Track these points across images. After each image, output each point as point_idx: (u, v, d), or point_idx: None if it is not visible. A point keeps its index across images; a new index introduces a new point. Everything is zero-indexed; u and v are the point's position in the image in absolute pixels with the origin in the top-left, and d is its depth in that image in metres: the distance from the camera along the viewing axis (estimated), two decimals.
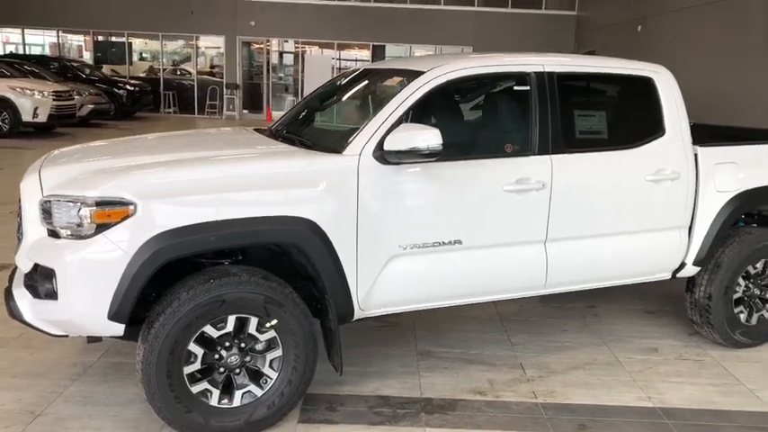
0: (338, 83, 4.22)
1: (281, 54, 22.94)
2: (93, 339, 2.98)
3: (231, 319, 2.87)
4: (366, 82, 3.90)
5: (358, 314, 3.20)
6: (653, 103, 3.74)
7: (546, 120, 3.41)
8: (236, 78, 21.40)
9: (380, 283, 3.16)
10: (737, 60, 11.62)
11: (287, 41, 22.41)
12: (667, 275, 3.98)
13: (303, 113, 4.06)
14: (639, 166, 3.63)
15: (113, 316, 2.67)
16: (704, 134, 5.45)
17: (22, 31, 21.66)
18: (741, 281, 4.07)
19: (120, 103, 18.25)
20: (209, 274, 2.84)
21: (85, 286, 2.65)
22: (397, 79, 3.44)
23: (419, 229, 3.18)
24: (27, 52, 21.75)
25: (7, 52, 21.58)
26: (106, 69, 21.48)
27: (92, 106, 16.25)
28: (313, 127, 3.69)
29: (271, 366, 3.00)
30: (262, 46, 22.06)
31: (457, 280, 3.34)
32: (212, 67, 22.58)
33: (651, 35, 14.92)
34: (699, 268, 3.98)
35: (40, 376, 3.47)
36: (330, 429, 3.11)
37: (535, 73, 3.45)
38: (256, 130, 3.94)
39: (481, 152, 3.42)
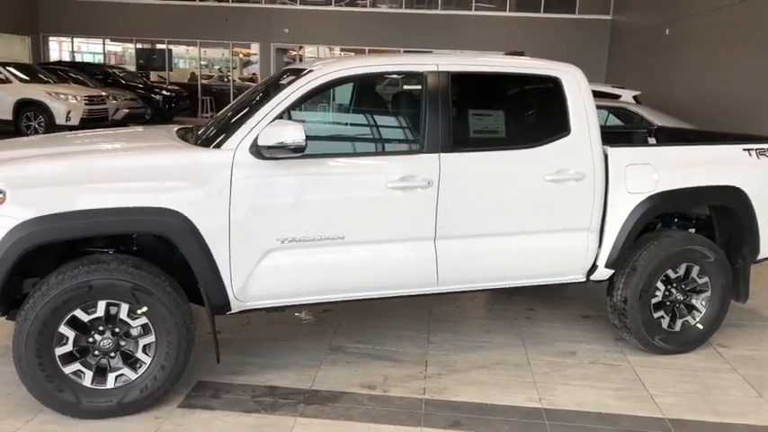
0: (263, 83, 4.34)
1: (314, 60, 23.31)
2: None
3: (101, 305, 3.02)
4: (277, 81, 4.01)
5: (236, 305, 3.31)
6: (558, 102, 3.70)
7: (436, 119, 3.44)
8: None
9: (257, 276, 3.25)
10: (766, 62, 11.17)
11: (331, 49, 22.73)
12: (580, 277, 3.93)
13: (227, 113, 4.19)
14: (538, 165, 3.61)
15: None
16: (669, 137, 5.36)
17: (72, 40, 22.78)
18: (660, 285, 3.97)
19: (156, 108, 18.97)
20: (81, 262, 3.01)
21: None
22: (290, 78, 3.53)
23: (298, 224, 3.26)
24: (90, 60, 22.92)
25: (67, 60, 22.77)
26: (153, 76, 22.40)
27: (127, 110, 16.90)
28: (221, 125, 3.81)
29: (144, 351, 3.13)
30: (296, 53, 22.49)
31: (340, 275, 3.40)
32: (249, 72, 23.18)
33: (678, 38, 14.50)
34: (612, 271, 3.91)
35: None
36: (205, 414, 3.23)
37: (428, 72, 3.49)
38: (179, 128, 4.09)
39: (365, 149, 3.48)
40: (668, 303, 4.04)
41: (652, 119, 8.66)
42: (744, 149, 4.06)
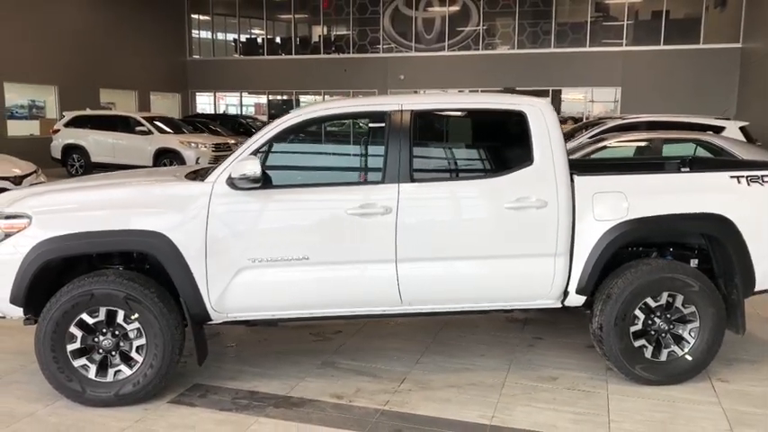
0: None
1: None
2: (27, 322, 3.94)
3: (103, 311, 3.67)
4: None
5: (216, 316, 3.83)
6: (522, 134, 3.89)
7: (396, 152, 3.79)
8: None
9: (232, 291, 3.76)
10: None
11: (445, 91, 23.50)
12: (553, 302, 4.02)
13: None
14: (497, 194, 3.81)
15: (12, 300, 3.63)
16: (703, 167, 5.24)
17: (214, 95, 25.46)
18: (640, 313, 3.95)
19: None
20: (88, 275, 3.69)
21: None
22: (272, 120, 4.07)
23: (267, 245, 3.74)
24: (231, 112, 25.62)
25: (208, 113, 25.57)
26: None
27: None
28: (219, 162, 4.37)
29: (137, 351, 3.73)
30: None
31: (307, 292, 3.81)
32: None
33: None
34: (584, 297, 3.97)
35: (22, 353, 4.56)
36: (186, 410, 3.74)
37: (391, 111, 3.87)
38: (198, 169, 4.71)
39: (329, 180, 3.91)
40: (652, 332, 3.99)
41: (736, 151, 8.26)
42: (731, 176, 3.97)
